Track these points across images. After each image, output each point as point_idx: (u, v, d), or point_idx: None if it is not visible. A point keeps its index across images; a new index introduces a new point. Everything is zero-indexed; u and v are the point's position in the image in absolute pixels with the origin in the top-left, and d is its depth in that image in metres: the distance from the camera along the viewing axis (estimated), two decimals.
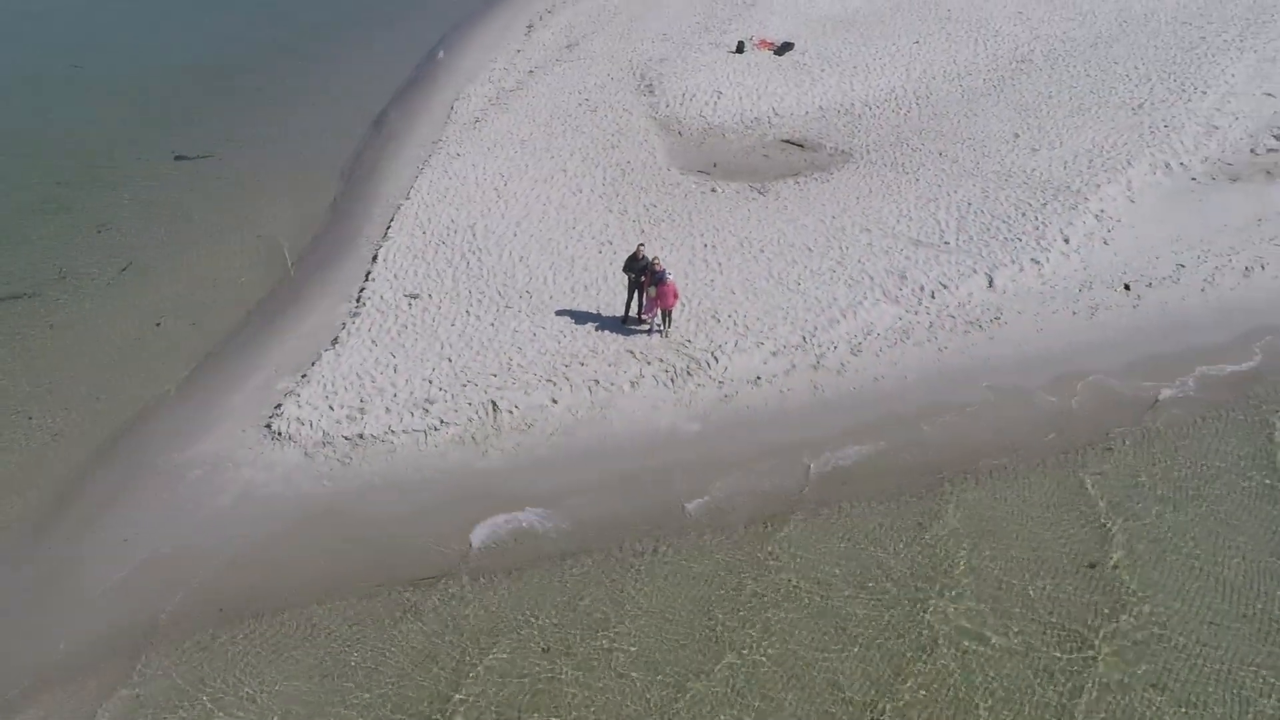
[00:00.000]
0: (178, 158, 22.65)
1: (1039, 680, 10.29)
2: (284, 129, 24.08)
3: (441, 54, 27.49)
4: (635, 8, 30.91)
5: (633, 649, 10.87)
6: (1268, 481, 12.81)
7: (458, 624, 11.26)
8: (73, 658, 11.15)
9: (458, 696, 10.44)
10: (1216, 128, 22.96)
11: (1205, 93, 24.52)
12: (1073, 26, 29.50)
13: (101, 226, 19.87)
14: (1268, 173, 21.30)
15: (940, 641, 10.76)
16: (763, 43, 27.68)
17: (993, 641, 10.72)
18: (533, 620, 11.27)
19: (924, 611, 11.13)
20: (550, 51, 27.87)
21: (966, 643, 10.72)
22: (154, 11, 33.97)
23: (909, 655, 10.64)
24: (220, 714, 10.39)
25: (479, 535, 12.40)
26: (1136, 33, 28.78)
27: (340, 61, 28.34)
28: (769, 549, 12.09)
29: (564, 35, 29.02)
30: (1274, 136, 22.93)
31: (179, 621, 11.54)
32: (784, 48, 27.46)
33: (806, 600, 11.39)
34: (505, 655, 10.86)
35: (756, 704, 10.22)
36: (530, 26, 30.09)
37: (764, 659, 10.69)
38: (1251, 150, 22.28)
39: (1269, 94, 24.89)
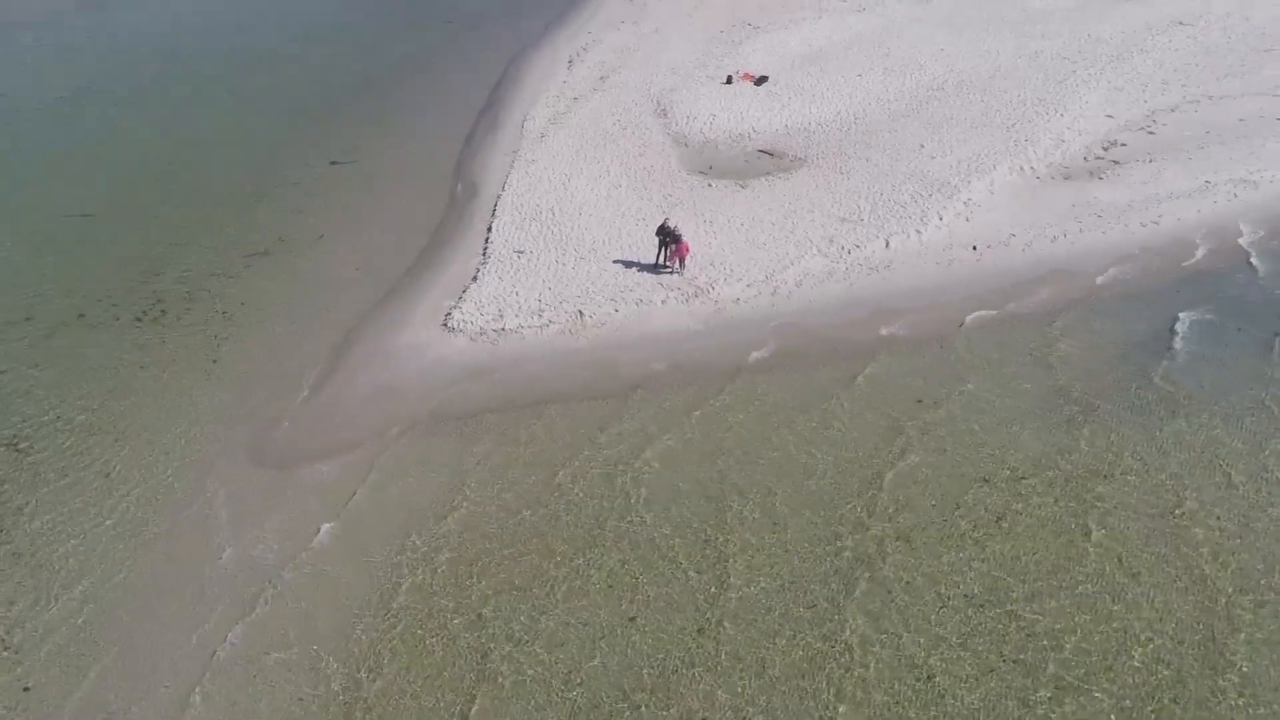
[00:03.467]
0: (332, 163, 32.05)
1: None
2: (402, 141, 33.48)
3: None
4: (649, 48, 40.47)
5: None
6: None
7: (574, 422, 20.62)
8: (343, 443, 20.36)
9: (564, 472, 19.83)
10: (1064, 141, 32.47)
11: (1062, 114, 34.05)
12: (979, 62, 39.00)
13: (295, 210, 29.26)
14: (1091, 173, 30.82)
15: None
16: (746, 76, 37.13)
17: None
18: (610, 410, 20.66)
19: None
20: (588, 82, 37.34)
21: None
22: (267, 47, 43.42)
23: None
24: (428, 469, 19.59)
25: (575, 382, 21.79)
26: (1026, 67, 38.29)
27: (432, 88, 37.81)
28: (738, 386, 21.54)
29: (597, 70, 38.51)
30: (1103, 148, 32.53)
31: (392, 426, 20.66)
32: (761, 80, 36.92)
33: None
34: (615, 432, 20.28)
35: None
36: (570, 62, 39.57)
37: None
38: (1084, 157, 31.82)
39: (1109, 115, 34.45)
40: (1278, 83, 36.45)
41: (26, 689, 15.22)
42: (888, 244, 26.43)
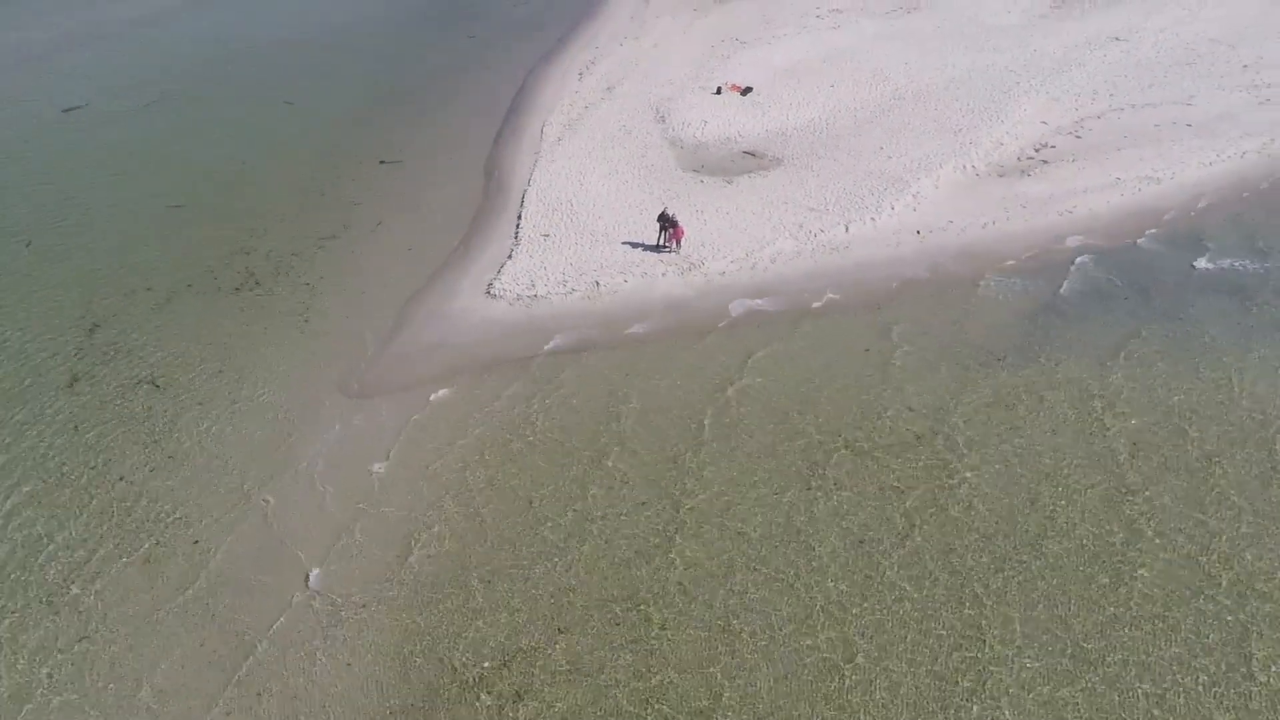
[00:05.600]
0: (381, 162, 37.72)
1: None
2: (439, 143, 39.12)
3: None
4: (648, 63, 46.19)
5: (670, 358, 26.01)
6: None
7: (590, 360, 26.26)
8: (410, 380, 26.00)
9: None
10: (1002, 144, 38.24)
11: (1003, 121, 39.81)
12: (937, 74, 44.75)
13: (353, 202, 34.91)
14: (1022, 171, 36.56)
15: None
16: (733, 87, 42.82)
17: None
18: (618, 355, 26.34)
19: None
20: (596, 93, 43.03)
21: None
22: (315, 60, 49.07)
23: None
24: (482, 403, 25.29)
25: (593, 335, 27.46)
26: (977, 79, 44.07)
27: (461, 96, 43.48)
28: (724, 335, 27.23)
29: (603, 81, 44.21)
30: (1035, 149, 38.30)
31: (451, 367, 26.25)
32: (746, 91, 42.61)
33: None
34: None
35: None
36: (580, 74, 45.27)
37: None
38: (1018, 158, 37.61)
39: (1044, 122, 40.23)
40: (1192, 93, 42.30)
41: (196, 541, 20.90)
42: (847, 229, 32.13)
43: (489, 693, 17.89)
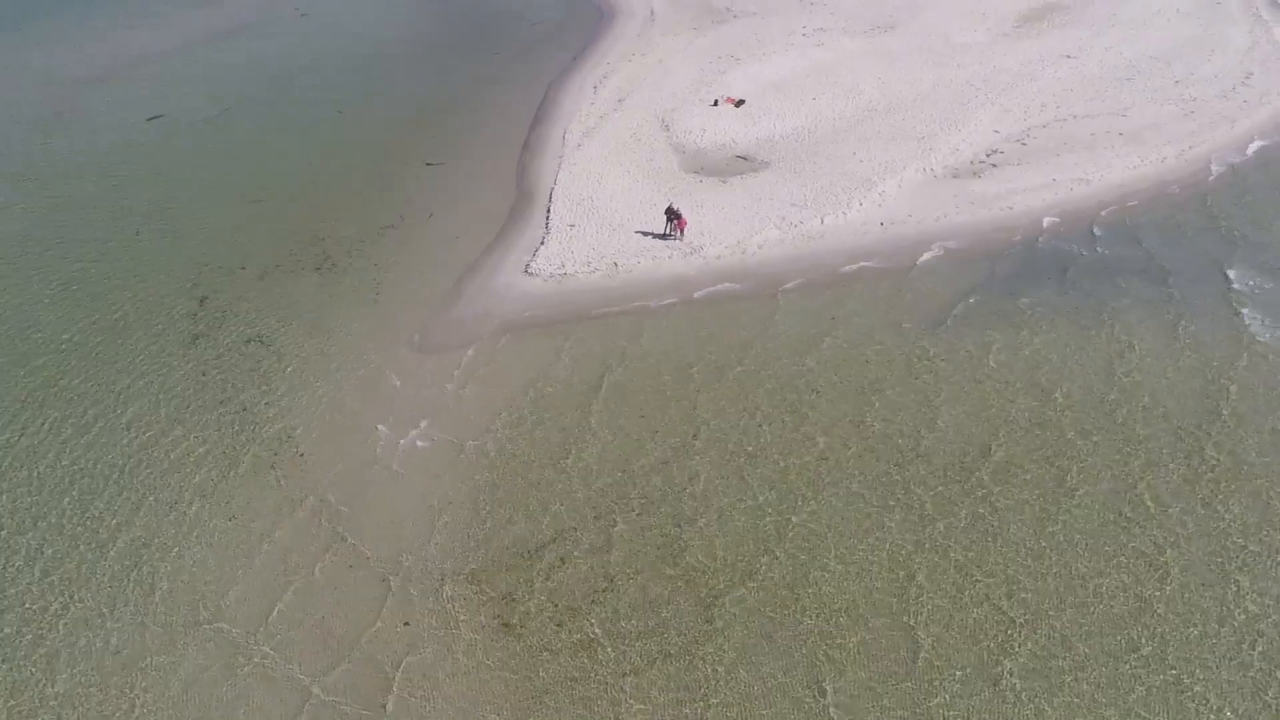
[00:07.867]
0: (427, 164, 44.06)
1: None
2: (476, 148, 45.42)
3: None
4: (654, 77, 52.57)
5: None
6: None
7: (610, 325, 32.53)
8: (464, 340, 32.30)
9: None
10: (958, 150, 44.53)
11: (959, 129, 46.12)
12: (906, 88, 51.04)
13: (406, 198, 41.19)
14: (973, 173, 42.88)
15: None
16: (728, 99, 49.12)
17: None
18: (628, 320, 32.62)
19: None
20: (609, 104, 49.40)
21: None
22: (358, 76, 55.45)
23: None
24: (516, 351, 31.55)
25: (612, 306, 33.73)
26: (941, 93, 50.37)
27: (491, 107, 49.80)
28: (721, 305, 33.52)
29: (615, 94, 50.59)
30: (986, 154, 44.64)
31: (499, 329, 32.63)
32: (740, 103, 48.93)
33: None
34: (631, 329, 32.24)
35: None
36: (595, 87, 51.66)
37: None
38: (970, 162, 43.95)
39: (996, 130, 46.54)
40: (1128, 105, 48.62)
41: (301, 454, 27.17)
42: (823, 221, 38.44)
43: (540, 560, 24.12)
